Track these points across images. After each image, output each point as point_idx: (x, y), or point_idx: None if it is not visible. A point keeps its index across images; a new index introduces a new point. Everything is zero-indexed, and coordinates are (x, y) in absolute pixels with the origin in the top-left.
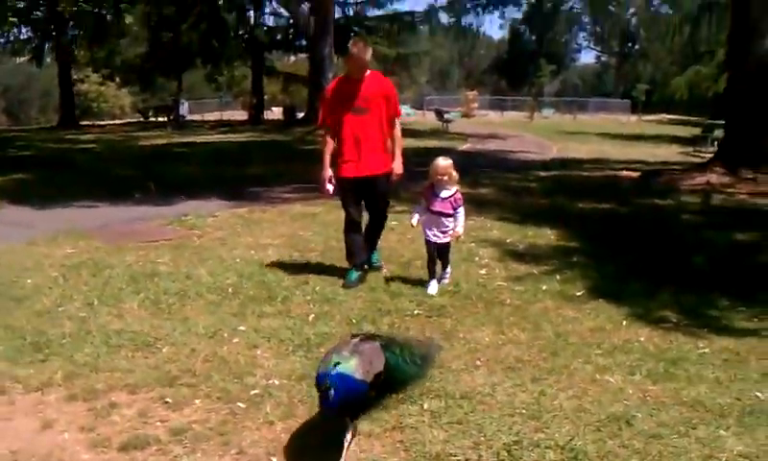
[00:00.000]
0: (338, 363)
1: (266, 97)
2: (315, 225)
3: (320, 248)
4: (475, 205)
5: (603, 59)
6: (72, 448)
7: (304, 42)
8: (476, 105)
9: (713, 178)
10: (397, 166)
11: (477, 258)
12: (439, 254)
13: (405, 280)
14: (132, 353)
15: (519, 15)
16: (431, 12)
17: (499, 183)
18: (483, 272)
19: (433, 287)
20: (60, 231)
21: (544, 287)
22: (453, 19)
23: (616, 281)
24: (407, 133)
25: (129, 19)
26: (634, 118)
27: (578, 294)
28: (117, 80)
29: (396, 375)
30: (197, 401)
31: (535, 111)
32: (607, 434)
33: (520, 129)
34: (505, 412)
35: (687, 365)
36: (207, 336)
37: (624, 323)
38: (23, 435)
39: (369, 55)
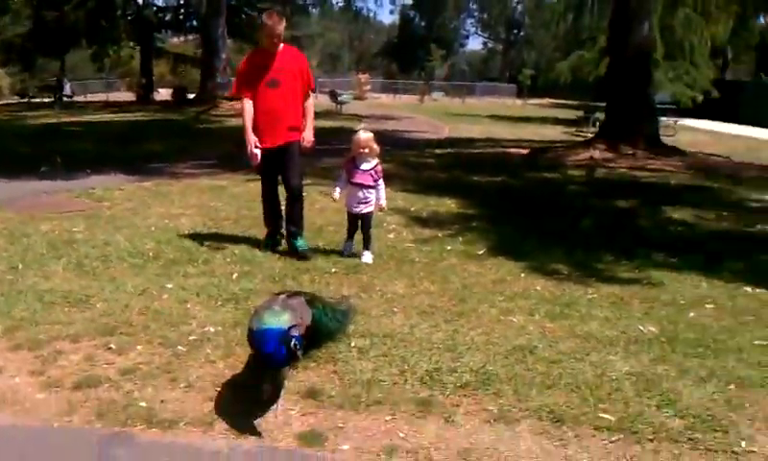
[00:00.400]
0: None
1: (153, 78)
2: (224, 196)
3: (232, 217)
4: None
5: (490, 45)
6: (25, 390)
7: (195, 23)
8: (368, 87)
9: (596, 154)
10: (308, 134)
11: (385, 224)
12: (362, 225)
13: (320, 245)
14: (67, 309)
15: (410, 1)
16: None
17: (398, 160)
18: (391, 236)
19: (348, 247)
20: None
21: (449, 247)
22: (344, 3)
23: (513, 242)
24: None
25: None
26: (519, 102)
27: (479, 252)
28: None
29: (321, 328)
30: (139, 347)
31: (425, 95)
32: (514, 361)
33: (412, 111)
34: (424, 347)
35: (579, 307)
36: (137, 294)
37: (522, 275)
38: None
39: (282, 27)
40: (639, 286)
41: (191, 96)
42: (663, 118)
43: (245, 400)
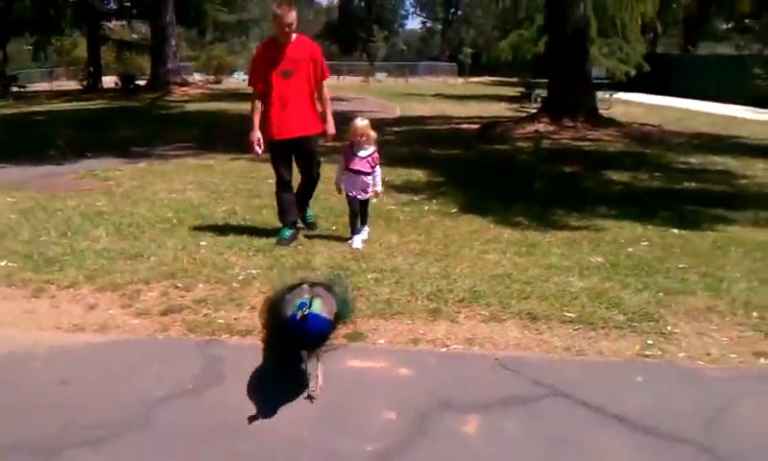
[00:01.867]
0: (304, 302)
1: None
2: (215, 174)
3: (231, 189)
4: None
5: (428, 24)
6: (122, 318)
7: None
8: None
9: (541, 127)
10: (330, 127)
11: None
12: (360, 210)
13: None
14: (129, 262)
15: None
16: None
17: None
18: (374, 201)
19: (357, 242)
20: None
21: (426, 208)
22: None
23: (479, 202)
24: (243, 97)
25: None
26: (461, 80)
27: (452, 211)
28: None
29: (341, 313)
30: (200, 285)
31: (370, 76)
32: (495, 283)
33: (359, 92)
34: (424, 277)
35: (541, 247)
36: (179, 249)
37: (491, 226)
38: (76, 314)
39: (292, 17)
40: (587, 231)
41: (141, 83)
42: (600, 92)
43: None
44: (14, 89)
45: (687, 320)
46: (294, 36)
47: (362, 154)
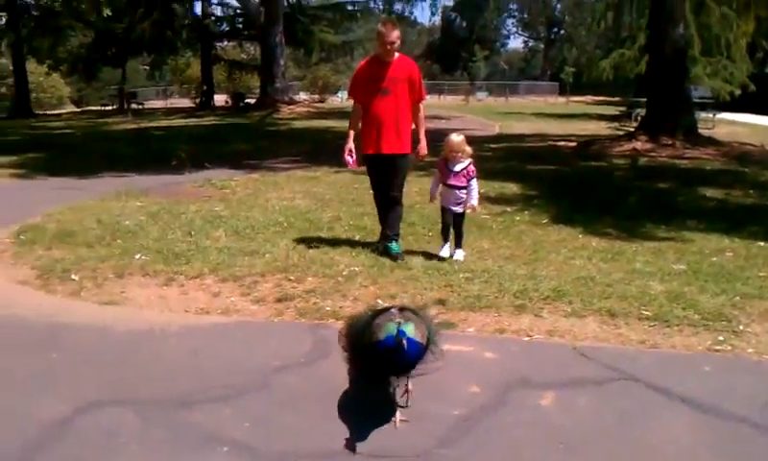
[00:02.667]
0: (401, 329)
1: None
2: (321, 184)
3: (336, 198)
4: None
5: (530, 44)
6: (242, 304)
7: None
8: None
9: (638, 145)
10: (422, 147)
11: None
12: (454, 224)
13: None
14: (246, 258)
15: (451, 3)
16: (368, 1)
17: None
18: (468, 211)
19: (445, 250)
20: (116, 192)
21: (517, 218)
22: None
23: (570, 214)
24: (346, 116)
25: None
26: (562, 99)
27: (543, 221)
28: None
29: (430, 338)
30: (310, 278)
31: (470, 95)
32: (579, 284)
33: (460, 110)
34: (512, 277)
35: (626, 255)
36: (290, 248)
37: (579, 236)
38: (202, 300)
39: (395, 35)
40: (674, 242)
41: (250, 101)
42: (703, 113)
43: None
44: (133, 106)
45: (760, 321)
46: (396, 55)
47: (457, 168)
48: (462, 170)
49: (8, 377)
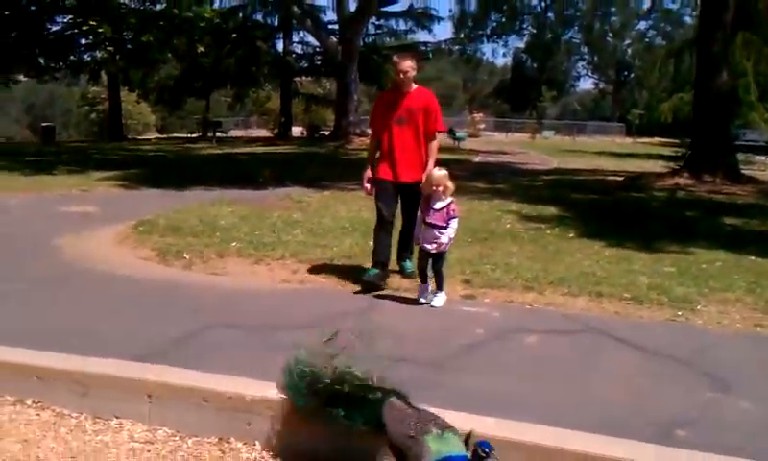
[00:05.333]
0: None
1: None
2: None
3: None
4: (495, 193)
5: (600, 86)
6: (314, 278)
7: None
8: (482, 126)
9: (681, 181)
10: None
11: (502, 220)
12: (432, 264)
13: None
14: (318, 249)
15: (522, 45)
16: (441, 43)
17: (512, 182)
18: (507, 225)
19: (426, 296)
20: (211, 201)
21: (548, 232)
22: (459, 48)
23: (596, 232)
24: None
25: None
26: (629, 140)
27: (570, 236)
28: (150, 99)
29: None
30: (367, 264)
31: (537, 133)
32: (580, 276)
33: (524, 147)
34: (528, 269)
35: (630, 260)
36: (353, 244)
37: (597, 247)
38: (284, 275)
39: (407, 65)
40: (676, 254)
41: (325, 132)
42: (757, 156)
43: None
44: (218, 134)
45: (716, 305)
46: (414, 86)
47: (437, 206)
48: (442, 208)
49: (151, 313)
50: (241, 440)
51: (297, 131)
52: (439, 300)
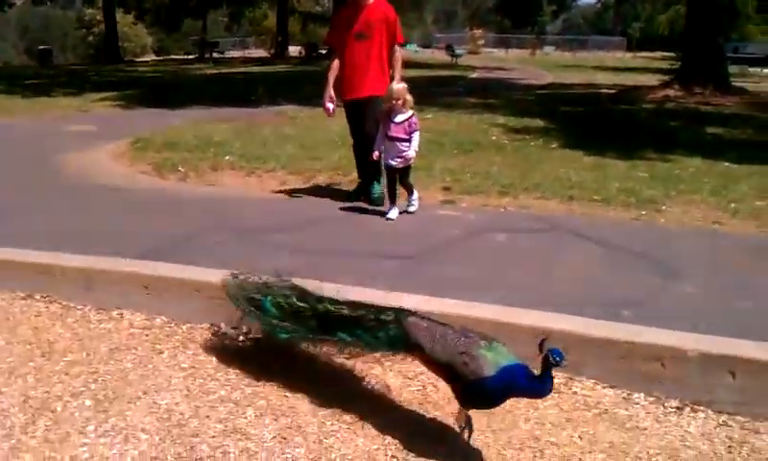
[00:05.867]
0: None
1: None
2: None
3: None
4: (486, 107)
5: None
6: (304, 188)
7: None
8: (482, 42)
9: (671, 92)
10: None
11: (489, 133)
12: (400, 179)
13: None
14: (307, 161)
15: None
16: None
17: (504, 97)
18: (493, 137)
19: (393, 212)
20: (206, 119)
21: (532, 144)
22: None
23: (580, 142)
24: (421, 66)
25: None
26: (629, 55)
27: (553, 146)
28: (146, 20)
29: None
30: (353, 174)
31: (537, 48)
32: (556, 182)
33: (522, 63)
34: (506, 177)
35: (606, 167)
36: (342, 156)
37: (577, 156)
38: (274, 186)
39: None
40: (653, 162)
41: (322, 51)
42: (751, 68)
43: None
44: (215, 55)
45: (680, 205)
46: None
47: (398, 119)
48: (403, 121)
49: (148, 218)
50: (229, 325)
51: (294, 50)
52: (413, 206)
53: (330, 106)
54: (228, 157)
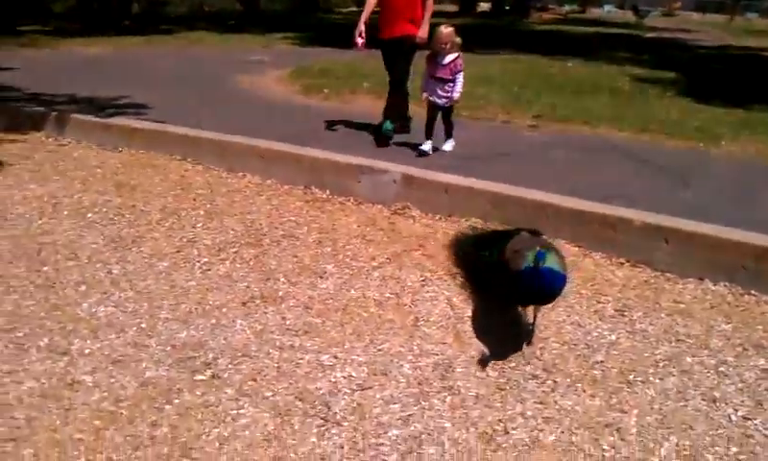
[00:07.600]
0: (544, 258)
1: None
2: (516, 63)
3: (500, 71)
4: (631, 61)
5: None
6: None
7: None
8: (678, 4)
9: None
10: (423, 31)
11: (616, 80)
12: (442, 116)
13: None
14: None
15: None
16: None
17: (660, 54)
18: (619, 84)
19: (427, 145)
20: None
21: (650, 91)
22: None
23: (695, 92)
24: (602, 24)
25: None
26: None
27: (668, 94)
28: None
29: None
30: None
31: (736, 15)
32: (645, 117)
33: (712, 27)
34: (601, 113)
35: (704, 112)
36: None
37: (683, 102)
38: None
39: None
40: (754, 113)
41: (507, 7)
42: None
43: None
44: None
45: (741, 143)
46: None
47: (444, 61)
48: (449, 63)
49: (285, 120)
50: (319, 188)
51: (485, 6)
52: (448, 145)
53: (359, 41)
54: (366, 85)
